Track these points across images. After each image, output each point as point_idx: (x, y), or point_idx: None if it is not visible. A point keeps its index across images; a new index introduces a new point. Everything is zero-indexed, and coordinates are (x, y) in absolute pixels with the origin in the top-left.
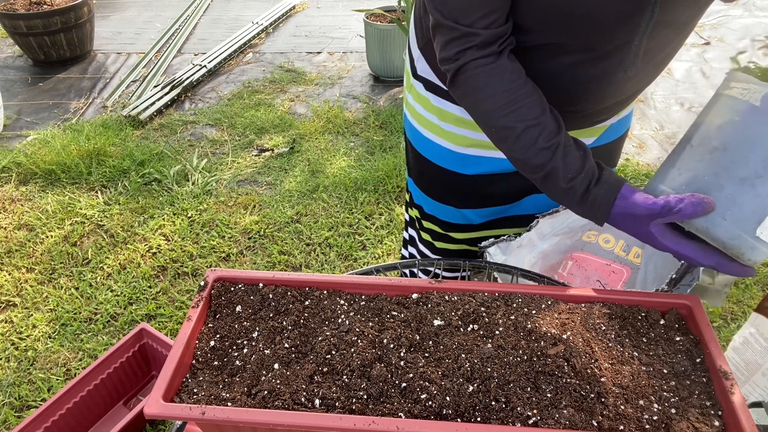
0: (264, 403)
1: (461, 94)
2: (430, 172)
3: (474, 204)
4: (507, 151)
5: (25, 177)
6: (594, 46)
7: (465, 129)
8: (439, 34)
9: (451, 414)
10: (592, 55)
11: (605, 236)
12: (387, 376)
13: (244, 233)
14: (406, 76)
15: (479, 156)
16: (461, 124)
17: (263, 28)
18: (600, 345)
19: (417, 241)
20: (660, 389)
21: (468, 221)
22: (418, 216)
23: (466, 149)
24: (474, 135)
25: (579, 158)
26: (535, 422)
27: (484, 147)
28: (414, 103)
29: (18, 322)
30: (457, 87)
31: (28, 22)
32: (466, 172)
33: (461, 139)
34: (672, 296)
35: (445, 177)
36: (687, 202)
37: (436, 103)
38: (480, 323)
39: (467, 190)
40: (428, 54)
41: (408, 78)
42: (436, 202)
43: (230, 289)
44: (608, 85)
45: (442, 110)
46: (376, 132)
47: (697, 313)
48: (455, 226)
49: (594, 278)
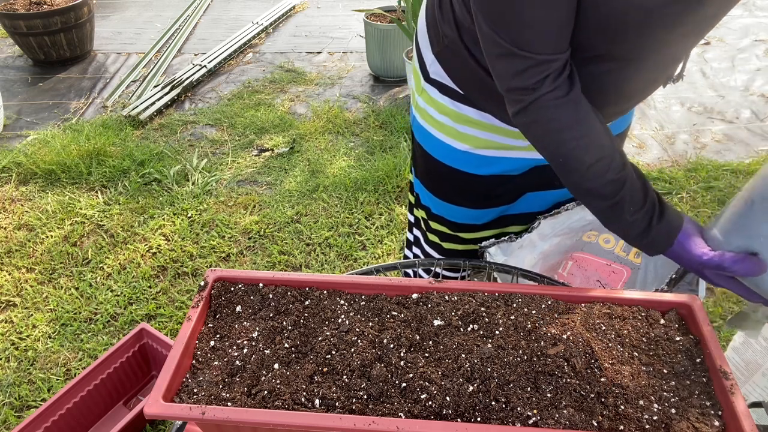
0: (264, 403)
1: (530, 122)
2: (441, 174)
3: (483, 204)
4: (575, 181)
5: (25, 177)
6: (642, 54)
7: (481, 131)
8: (508, 63)
9: (451, 414)
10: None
11: (605, 236)
12: (387, 376)
13: (244, 233)
14: (416, 79)
15: (493, 156)
16: (477, 125)
17: (263, 28)
18: (600, 345)
19: (423, 242)
20: (660, 389)
21: (475, 221)
22: (424, 217)
23: (481, 150)
24: (490, 136)
25: (641, 190)
26: (535, 422)
27: (499, 148)
28: (426, 107)
29: (18, 322)
30: (528, 115)
31: (28, 22)
32: (479, 173)
33: (477, 141)
34: (672, 296)
35: (457, 178)
36: (741, 264)
37: (452, 106)
38: (480, 323)
39: (478, 191)
40: (444, 59)
41: (418, 81)
42: (444, 202)
43: (230, 289)
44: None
45: (458, 113)
46: (376, 132)
47: (697, 313)
48: (464, 227)
49: (594, 278)
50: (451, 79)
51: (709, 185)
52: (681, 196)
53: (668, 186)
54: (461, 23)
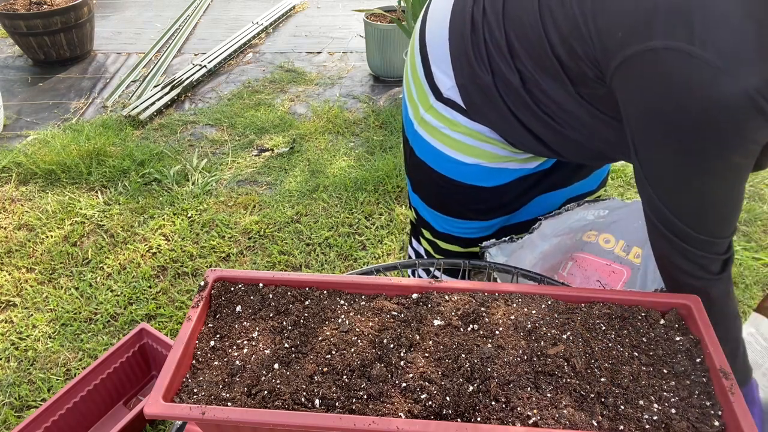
0: (264, 403)
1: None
2: (449, 190)
3: (492, 215)
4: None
5: (25, 177)
6: None
7: (494, 146)
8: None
9: (451, 414)
10: None
11: (605, 236)
12: (387, 376)
13: (244, 233)
14: (420, 95)
15: (505, 168)
16: (490, 142)
17: (263, 28)
18: (600, 345)
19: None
20: (660, 389)
21: (484, 233)
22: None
23: (495, 163)
24: (503, 152)
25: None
26: (535, 422)
27: (512, 161)
28: (437, 123)
29: (18, 322)
30: (728, 275)
31: (28, 22)
32: (489, 185)
33: (491, 156)
34: (672, 296)
35: (466, 192)
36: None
37: (466, 123)
38: (480, 323)
39: (488, 202)
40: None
41: (425, 98)
42: (450, 218)
43: (230, 289)
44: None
45: (472, 130)
46: (376, 132)
47: (697, 313)
48: (472, 241)
49: (594, 278)
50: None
51: None
52: None
53: None
54: (497, 71)
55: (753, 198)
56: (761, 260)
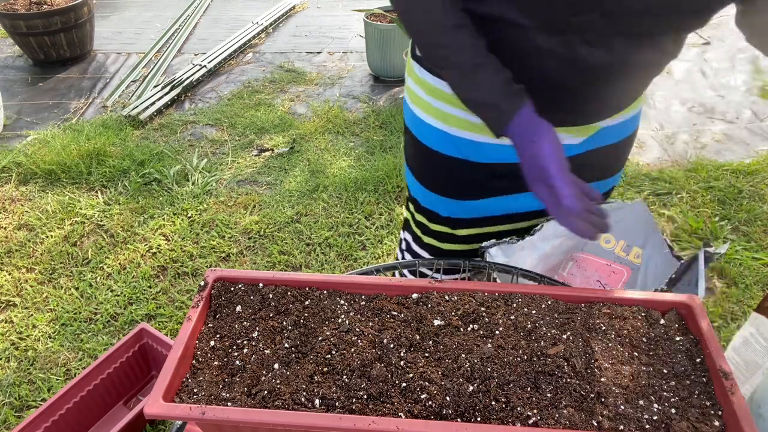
0: (264, 403)
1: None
2: (427, 160)
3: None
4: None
5: (25, 177)
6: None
7: (453, 108)
8: None
9: (451, 414)
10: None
11: (605, 236)
12: (387, 376)
13: (244, 233)
14: (407, 59)
15: (465, 138)
16: (449, 100)
17: (263, 28)
18: (600, 345)
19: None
20: (660, 389)
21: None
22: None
23: (456, 130)
24: (460, 114)
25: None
26: (535, 422)
27: (472, 130)
28: (413, 86)
29: (18, 322)
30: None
31: (28, 22)
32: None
33: (453, 120)
34: (672, 296)
35: (442, 164)
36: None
37: (431, 80)
38: (480, 323)
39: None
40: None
41: (408, 61)
42: (433, 193)
43: (230, 289)
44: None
45: (435, 88)
46: (376, 132)
47: (697, 313)
48: (459, 222)
49: (594, 278)
50: (423, 57)
51: (709, 185)
52: (681, 196)
53: (668, 186)
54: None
55: (753, 198)
56: (761, 260)
